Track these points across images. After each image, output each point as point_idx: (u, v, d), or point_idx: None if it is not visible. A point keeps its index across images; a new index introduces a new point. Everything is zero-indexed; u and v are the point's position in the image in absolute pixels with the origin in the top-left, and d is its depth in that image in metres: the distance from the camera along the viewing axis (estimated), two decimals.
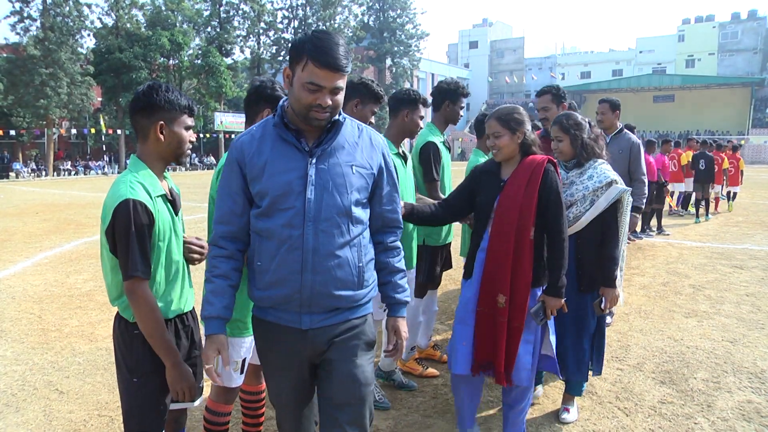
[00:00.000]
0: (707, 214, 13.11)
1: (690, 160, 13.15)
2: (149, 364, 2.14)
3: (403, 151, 3.57)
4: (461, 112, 4.14)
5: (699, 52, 65.29)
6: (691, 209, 13.69)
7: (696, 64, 65.41)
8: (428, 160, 3.84)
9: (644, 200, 5.24)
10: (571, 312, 3.15)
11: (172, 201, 2.24)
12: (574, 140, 3.23)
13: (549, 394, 3.86)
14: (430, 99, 4.01)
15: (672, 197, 13.87)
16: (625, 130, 5.30)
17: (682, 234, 10.84)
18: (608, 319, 4.86)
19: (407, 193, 3.44)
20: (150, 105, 2.17)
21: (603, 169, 3.22)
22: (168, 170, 2.32)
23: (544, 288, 2.93)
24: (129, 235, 2.00)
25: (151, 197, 2.09)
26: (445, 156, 4.01)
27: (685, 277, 7.25)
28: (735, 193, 14.94)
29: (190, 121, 2.27)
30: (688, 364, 4.38)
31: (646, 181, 5.22)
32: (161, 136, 2.18)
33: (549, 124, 4.14)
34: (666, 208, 11.35)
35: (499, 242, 2.82)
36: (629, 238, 9.34)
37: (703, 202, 13.03)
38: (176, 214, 2.26)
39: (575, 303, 3.22)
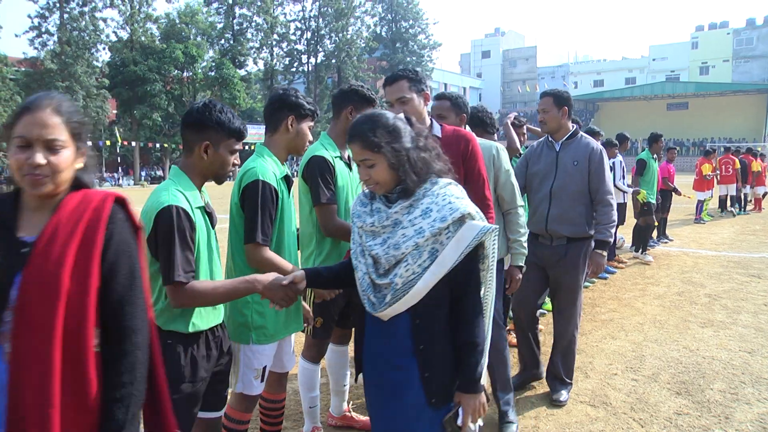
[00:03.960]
0: (744, 209, 15.91)
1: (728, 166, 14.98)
2: (181, 373, 2.12)
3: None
4: None
5: (713, 59, 64.85)
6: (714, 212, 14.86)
7: (710, 71, 64.95)
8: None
9: (612, 231, 3.89)
10: None
11: (209, 214, 2.25)
12: (394, 159, 1.92)
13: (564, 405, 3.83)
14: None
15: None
16: (581, 134, 4.01)
17: (697, 243, 10.72)
18: None
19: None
20: (200, 122, 2.16)
21: (447, 196, 1.93)
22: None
23: None
24: (172, 239, 2.00)
25: (191, 207, 2.10)
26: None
27: (700, 286, 7.17)
28: (766, 193, 16.93)
29: (237, 146, 2.25)
30: (704, 374, 4.32)
31: (615, 202, 3.93)
32: (204, 155, 2.17)
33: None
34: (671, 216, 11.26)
35: (26, 365, 1.39)
36: (649, 246, 9.19)
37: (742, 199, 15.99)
38: (212, 228, 2.26)
39: (423, 427, 1.95)
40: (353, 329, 2.74)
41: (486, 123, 4.08)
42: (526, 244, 3.37)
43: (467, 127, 3.46)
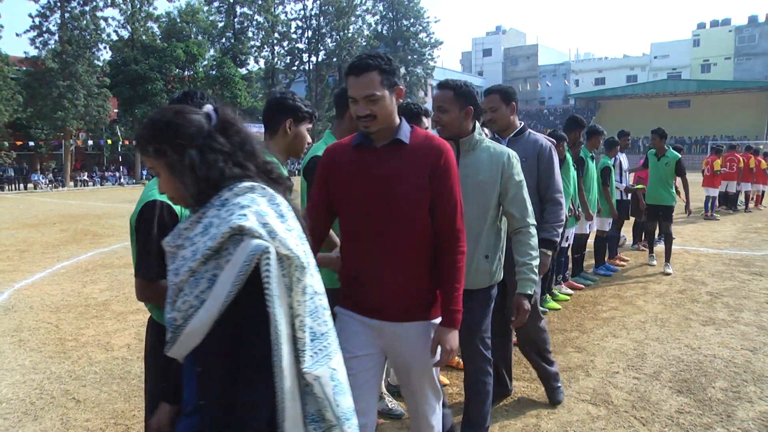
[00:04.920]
0: (746, 207, 16.11)
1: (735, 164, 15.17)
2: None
3: None
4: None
5: (715, 56, 64.73)
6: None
7: (712, 68, 64.83)
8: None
9: (559, 230, 3.65)
10: None
11: None
12: (165, 164, 1.58)
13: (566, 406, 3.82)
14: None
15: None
16: (529, 131, 3.78)
17: (698, 241, 10.70)
18: None
19: None
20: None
21: (233, 206, 1.52)
22: None
23: None
24: (150, 233, 2.02)
25: None
26: None
27: (702, 284, 7.16)
28: (764, 191, 16.99)
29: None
30: (706, 373, 4.31)
31: (564, 201, 3.72)
32: None
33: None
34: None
35: None
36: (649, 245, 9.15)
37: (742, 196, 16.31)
38: None
39: None
40: None
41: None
42: (537, 269, 2.90)
43: (475, 123, 2.96)
